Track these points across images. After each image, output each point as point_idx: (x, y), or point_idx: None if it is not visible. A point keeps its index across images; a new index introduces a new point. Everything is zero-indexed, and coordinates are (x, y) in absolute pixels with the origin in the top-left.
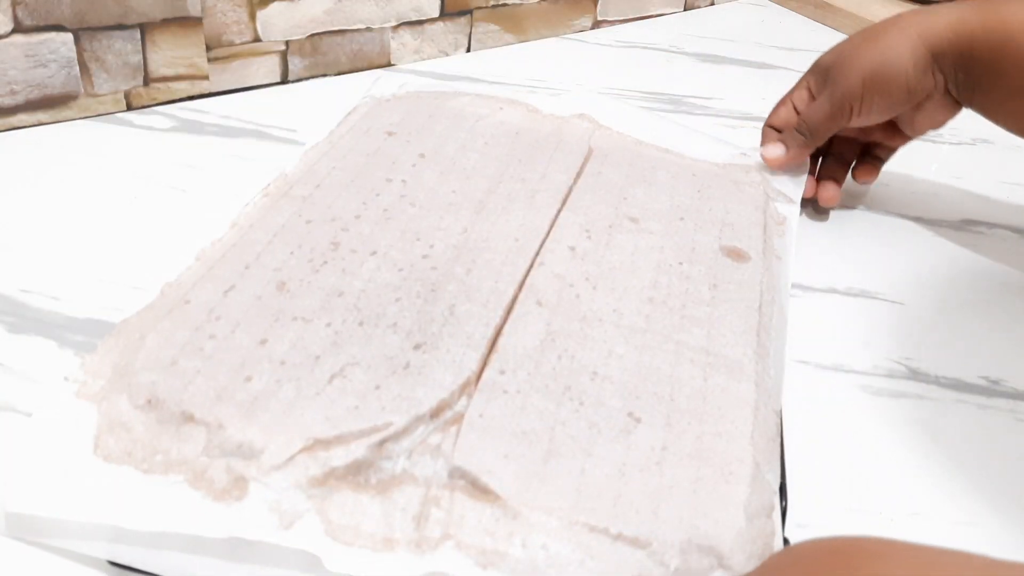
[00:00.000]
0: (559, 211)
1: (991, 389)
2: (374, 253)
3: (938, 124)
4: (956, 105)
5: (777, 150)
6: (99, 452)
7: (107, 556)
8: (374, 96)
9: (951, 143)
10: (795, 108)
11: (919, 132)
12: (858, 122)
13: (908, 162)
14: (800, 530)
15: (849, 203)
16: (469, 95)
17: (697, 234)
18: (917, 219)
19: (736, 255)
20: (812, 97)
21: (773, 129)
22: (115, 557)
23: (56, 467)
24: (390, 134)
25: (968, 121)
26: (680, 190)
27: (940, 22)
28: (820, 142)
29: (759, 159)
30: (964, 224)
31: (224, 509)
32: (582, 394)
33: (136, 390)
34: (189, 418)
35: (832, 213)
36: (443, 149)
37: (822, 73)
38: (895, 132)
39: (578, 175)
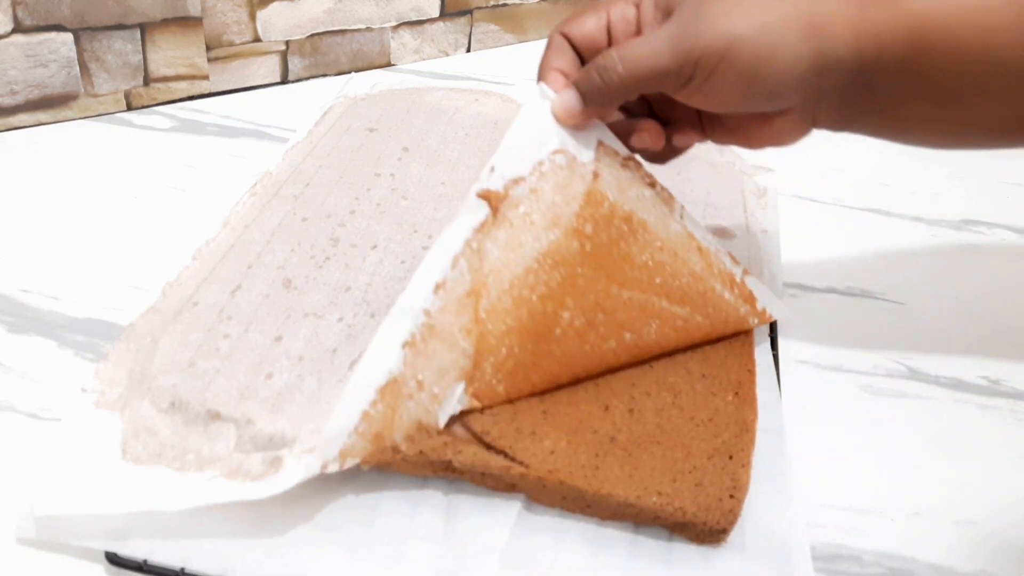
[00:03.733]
0: None
1: (991, 389)
2: (375, 247)
3: (775, 144)
4: (806, 128)
5: (571, 101)
6: (128, 457)
7: (144, 555)
8: (347, 95)
9: None
10: (609, 28)
11: (752, 146)
12: (690, 99)
13: (908, 162)
14: None
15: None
16: (443, 89)
17: None
18: (917, 219)
19: (722, 233)
20: (639, 23)
21: (569, 46)
22: (149, 553)
23: (84, 472)
24: (371, 130)
25: None
26: (660, 173)
27: (830, 15)
28: (632, 97)
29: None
30: (964, 224)
31: (264, 483)
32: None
33: (158, 394)
34: (215, 416)
35: (831, 213)
36: (425, 142)
37: (665, 5)
38: (718, 126)
39: None
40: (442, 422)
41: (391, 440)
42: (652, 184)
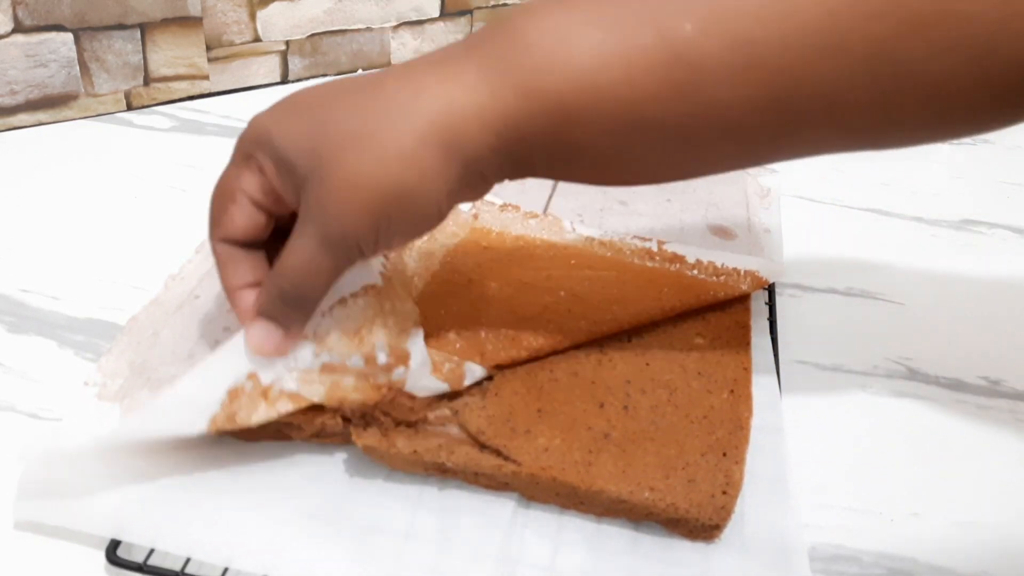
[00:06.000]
0: (550, 197)
1: (991, 389)
2: None
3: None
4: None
5: (269, 335)
6: None
7: (147, 543)
8: None
9: (951, 143)
10: (258, 205)
11: None
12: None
13: (908, 162)
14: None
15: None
16: None
17: (684, 214)
18: (917, 219)
19: (723, 233)
20: (276, 192)
21: (238, 249)
22: (153, 542)
23: (81, 455)
24: None
25: None
26: None
27: (464, 119)
28: (323, 296)
29: None
30: (964, 224)
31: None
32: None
33: (157, 384)
34: None
35: (831, 213)
36: None
37: (290, 175)
38: None
39: None
40: (414, 353)
41: (370, 343)
42: (535, 216)
